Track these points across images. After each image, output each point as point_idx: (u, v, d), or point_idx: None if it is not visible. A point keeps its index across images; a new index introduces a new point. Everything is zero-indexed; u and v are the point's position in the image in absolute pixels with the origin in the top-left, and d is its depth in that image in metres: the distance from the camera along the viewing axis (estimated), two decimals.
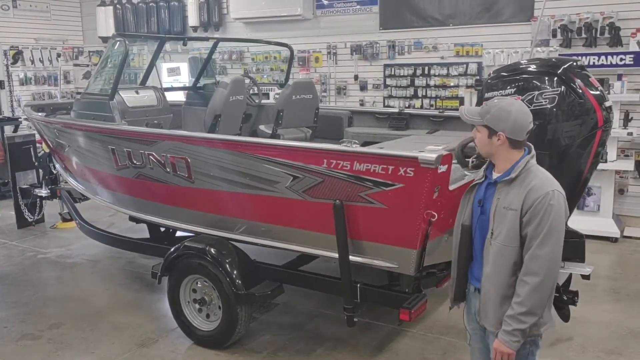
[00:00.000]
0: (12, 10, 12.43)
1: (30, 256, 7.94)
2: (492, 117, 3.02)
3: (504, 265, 3.01)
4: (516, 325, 2.94)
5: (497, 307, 3.07)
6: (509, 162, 3.04)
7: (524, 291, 2.91)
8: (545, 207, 2.88)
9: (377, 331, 5.52)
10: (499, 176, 3.07)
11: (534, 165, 3.04)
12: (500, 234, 3.00)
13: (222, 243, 5.21)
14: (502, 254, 3.01)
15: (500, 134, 3.00)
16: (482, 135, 3.08)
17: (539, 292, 2.91)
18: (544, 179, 2.99)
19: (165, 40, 7.55)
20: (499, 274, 3.04)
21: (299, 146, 4.75)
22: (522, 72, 4.08)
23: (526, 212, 2.92)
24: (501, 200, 3.02)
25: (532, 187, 2.93)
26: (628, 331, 5.46)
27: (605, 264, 7.19)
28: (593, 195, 8.02)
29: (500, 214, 3.01)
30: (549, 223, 2.88)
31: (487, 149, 3.10)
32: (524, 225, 2.94)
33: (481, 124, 3.07)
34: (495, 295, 3.07)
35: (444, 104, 9.54)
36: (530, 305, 2.91)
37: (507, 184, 3.02)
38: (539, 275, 2.89)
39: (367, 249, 4.39)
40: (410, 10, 9.83)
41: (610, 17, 8.15)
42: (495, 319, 3.09)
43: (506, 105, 3.04)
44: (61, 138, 7.00)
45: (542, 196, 2.89)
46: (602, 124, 3.97)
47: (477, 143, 3.15)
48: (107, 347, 5.35)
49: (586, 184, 4.23)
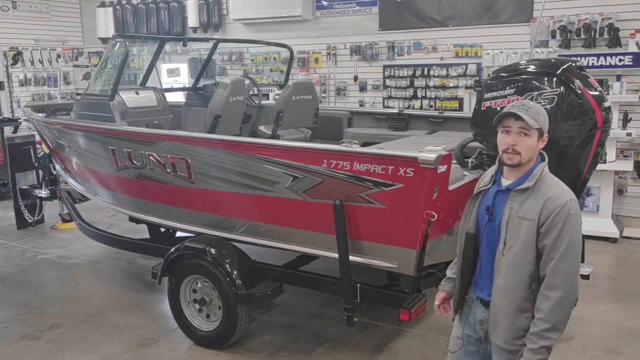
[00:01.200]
0: (11, 11, 12.43)
1: (30, 257, 7.94)
2: (544, 120, 2.89)
3: (519, 277, 2.88)
4: (542, 343, 2.80)
5: (510, 320, 2.94)
6: (525, 168, 2.91)
7: (547, 307, 2.79)
8: (564, 217, 2.77)
9: (376, 331, 5.52)
10: (512, 183, 2.93)
11: (548, 173, 2.92)
12: (515, 244, 2.87)
13: (222, 243, 5.22)
14: (517, 266, 2.88)
15: (546, 135, 2.91)
16: (533, 139, 2.87)
17: (562, 306, 2.79)
18: (561, 188, 2.88)
19: (165, 41, 7.56)
20: (512, 287, 2.91)
21: (299, 146, 4.75)
22: (521, 73, 4.09)
23: (544, 222, 2.80)
24: (515, 209, 2.88)
25: (549, 197, 2.81)
26: (627, 331, 5.47)
27: (605, 264, 7.19)
28: (592, 196, 8.03)
29: (515, 223, 2.88)
30: (569, 234, 2.77)
31: (532, 153, 2.90)
32: (542, 237, 2.82)
33: (537, 127, 2.86)
34: (508, 308, 2.93)
35: (443, 105, 9.56)
36: (554, 321, 2.79)
37: (521, 193, 2.89)
38: (561, 290, 2.77)
39: (366, 249, 4.40)
40: (409, 11, 9.84)
41: (609, 18, 8.17)
42: (507, 333, 2.96)
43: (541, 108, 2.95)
44: (61, 139, 7.01)
45: (561, 206, 2.78)
46: (601, 124, 3.98)
47: (525, 149, 2.86)
48: (107, 347, 5.36)
49: (585, 184, 4.24)
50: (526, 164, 2.89)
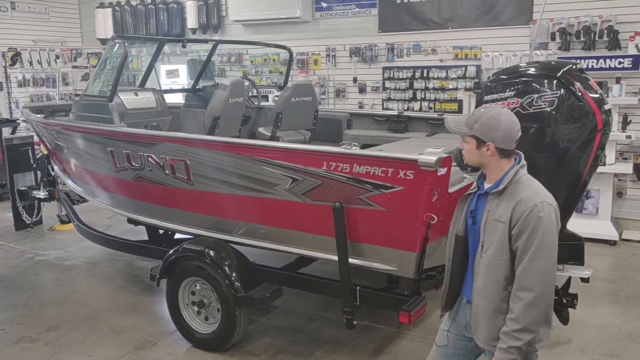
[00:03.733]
0: (10, 11, 12.41)
1: (28, 258, 7.92)
2: (480, 126, 2.93)
3: (495, 278, 2.93)
4: (512, 343, 2.84)
5: (489, 321, 2.99)
6: (500, 172, 2.97)
7: (518, 307, 2.82)
8: (534, 219, 2.79)
9: (376, 334, 5.51)
10: (489, 187, 3.00)
11: (524, 176, 2.96)
12: (491, 247, 2.93)
13: (221, 245, 5.20)
14: (493, 268, 2.93)
15: (490, 144, 2.92)
16: (471, 146, 2.99)
17: (534, 308, 2.81)
18: (534, 190, 2.90)
19: (164, 42, 7.56)
20: (489, 288, 2.96)
21: (299, 148, 4.74)
22: (521, 75, 4.07)
23: (515, 225, 2.84)
24: (491, 212, 2.95)
25: (520, 199, 2.85)
26: (627, 334, 5.47)
27: (604, 267, 7.19)
28: (592, 198, 8.03)
29: (490, 226, 2.94)
30: (539, 236, 2.78)
31: (477, 159, 3.01)
32: (514, 239, 2.85)
33: (469, 134, 2.97)
34: (486, 309, 2.99)
35: (442, 107, 9.55)
36: (525, 322, 2.81)
37: (497, 196, 2.95)
38: (533, 291, 2.80)
39: (366, 252, 4.39)
40: (409, 13, 9.84)
41: (609, 20, 8.17)
42: (486, 334, 3.02)
43: (496, 114, 2.95)
44: (59, 140, 7.00)
45: (531, 208, 2.80)
46: (601, 127, 3.96)
47: (465, 154, 3.06)
48: (105, 350, 5.34)
49: (585, 187, 4.23)
50: (488, 168, 3.00)
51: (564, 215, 4.17)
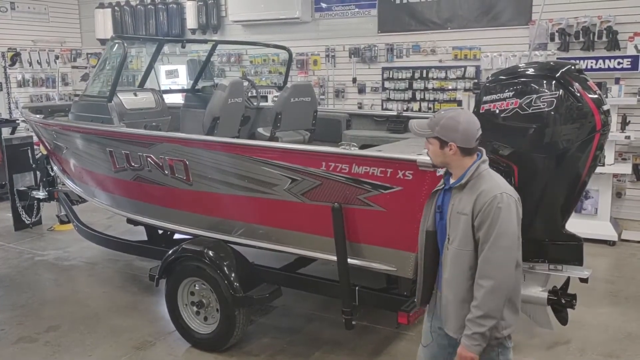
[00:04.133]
0: (10, 12, 12.41)
1: (28, 258, 7.92)
2: (441, 128, 3.07)
3: (461, 269, 3.06)
4: (475, 329, 2.97)
5: (457, 311, 3.11)
6: (462, 169, 3.11)
7: (480, 294, 2.96)
8: (493, 210, 2.93)
9: (375, 334, 5.51)
10: (453, 182, 3.15)
11: (486, 170, 3.10)
12: (456, 238, 3.07)
13: (220, 246, 5.20)
14: (458, 258, 3.06)
15: (452, 144, 3.06)
16: (434, 147, 3.14)
17: (495, 295, 2.94)
18: (494, 182, 3.05)
19: (163, 43, 7.55)
20: (456, 278, 3.09)
21: (298, 149, 4.74)
22: (520, 76, 4.06)
23: (476, 216, 2.99)
24: (455, 205, 3.09)
25: (481, 192, 2.99)
26: (626, 334, 5.47)
27: (603, 268, 7.20)
28: (591, 199, 8.03)
29: (455, 219, 3.08)
30: (498, 226, 2.92)
31: (441, 159, 3.16)
32: (476, 230, 3.00)
33: (432, 136, 3.12)
34: (454, 299, 3.12)
35: (442, 107, 9.53)
36: (487, 308, 2.94)
37: (460, 190, 3.09)
38: (493, 279, 2.93)
39: (365, 252, 4.39)
40: (408, 14, 9.84)
41: (608, 21, 8.17)
42: (456, 323, 3.14)
43: (455, 116, 3.09)
44: (59, 140, 6.99)
45: (491, 199, 2.95)
46: (600, 127, 3.96)
47: (430, 155, 3.22)
48: (105, 350, 5.34)
49: (584, 187, 4.22)
50: (452, 166, 3.14)
51: (563, 215, 4.20)
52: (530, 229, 4.14)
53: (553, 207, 4.14)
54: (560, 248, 4.20)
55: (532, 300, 4.28)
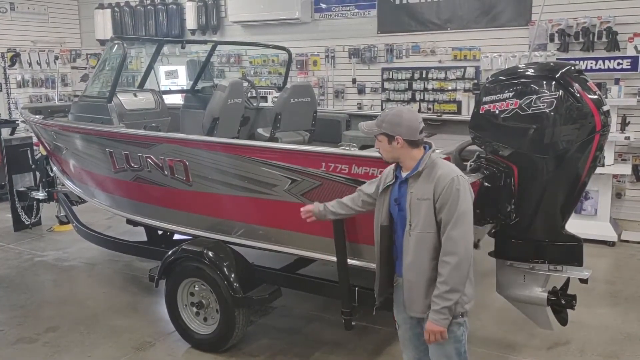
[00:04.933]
0: (9, 12, 12.39)
1: (27, 259, 7.91)
2: (387, 124, 3.37)
3: (425, 251, 3.30)
4: (443, 304, 3.23)
5: (423, 292, 3.35)
6: (414, 160, 3.38)
7: (446, 270, 3.21)
8: (452, 191, 3.21)
9: (374, 335, 5.51)
10: (408, 173, 3.39)
11: (438, 158, 3.39)
12: (419, 223, 3.30)
13: (220, 246, 5.20)
14: (422, 241, 3.30)
15: (398, 137, 3.34)
16: (384, 143, 3.42)
17: (459, 269, 3.20)
18: (448, 167, 3.35)
19: (163, 43, 7.57)
20: (421, 260, 3.32)
21: (298, 149, 4.74)
22: (520, 76, 4.07)
23: (437, 198, 3.24)
24: (414, 193, 3.33)
25: (439, 176, 3.27)
26: (625, 335, 5.47)
27: (603, 268, 7.19)
28: (590, 199, 8.03)
29: (416, 205, 3.31)
30: (458, 205, 3.20)
31: (391, 154, 3.43)
32: (438, 211, 3.26)
33: (379, 132, 3.40)
34: (419, 281, 3.35)
35: (441, 108, 9.54)
36: (452, 283, 3.21)
37: (416, 178, 3.35)
38: (457, 254, 3.20)
39: (365, 252, 4.38)
40: (408, 14, 9.83)
41: (608, 21, 8.16)
42: (422, 304, 3.37)
43: (397, 112, 3.41)
44: (58, 141, 6.99)
45: (449, 183, 3.23)
46: (600, 128, 3.96)
47: (382, 151, 3.48)
48: (104, 351, 5.34)
49: (584, 188, 4.23)
50: (403, 159, 3.40)
51: (562, 216, 4.19)
52: (530, 229, 4.16)
53: (553, 208, 4.14)
54: (560, 249, 4.20)
55: (532, 300, 4.29)
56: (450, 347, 3.39)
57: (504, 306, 4.85)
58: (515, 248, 4.25)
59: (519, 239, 4.21)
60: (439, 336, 3.30)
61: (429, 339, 3.34)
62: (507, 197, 4.09)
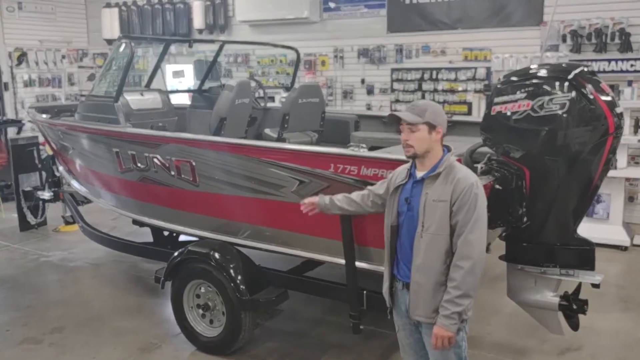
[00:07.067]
0: (17, 12, 12.41)
1: (33, 259, 7.90)
2: (431, 113, 3.31)
3: (436, 253, 3.25)
4: (454, 309, 3.18)
5: (430, 294, 3.29)
6: (435, 159, 3.34)
7: (459, 275, 3.17)
8: (471, 196, 3.19)
9: (383, 339, 5.44)
10: (426, 173, 3.34)
11: (455, 161, 3.36)
12: (432, 225, 3.25)
13: (227, 248, 5.16)
14: (434, 243, 3.25)
15: (439, 127, 3.32)
16: (422, 133, 3.30)
17: (472, 274, 3.17)
18: (467, 171, 3.33)
19: (170, 43, 7.54)
20: (431, 263, 3.27)
21: (306, 150, 4.71)
22: (532, 77, 4.01)
23: (455, 201, 3.20)
24: (430, 194, 3.28)
25: (458, 179, 3.23)
26: (637, 340, 5.40)
27: (615, 273, 7.11)
28: (602, 203, 7.95)
29: (431, 206, 3.26)
30: (476, 210, 3.19)
31: (427, 145, 3.32)
32: (454, 214, 3.21)
33: (422, 122, 3.29)
34: (427, 283, 3.29)
35: (452, 109, 9.46)
36: (465, 288, 3.17)
37: (434, 180, 3.30)
38: (471, 259, 3.16)
39: (373, 255, 4.34)
40: (418, 14, 9.77)
41: (621, 22, 8.09)
42: (427, 308, 3.31)
43: (434, 104, 3.47)
44: (65, 140, 6.98)
45: (468, 187, 3.20)
46: (613, 130, 3.90)
47: (416, 142, 3.32)
48: (109, 352, 5.31)
49: (596, 191, 4.17)
50: (430, 154, 3.33)
51: (574, 220, 4.13)
52: (541, 232, 4.10)
53: (565, 211, 4.08)
54: (571, 253, 4.14)
55: (544, 305, 4.23)
56: (451, 352, 3.35)
57: (515, 311, 4.79)
58: (527, 252, 4.18)
59: (530, 243, 4.14)
60: (447, 342, 3.23)
61: (436, 344, 3.26)
62: (519, 200, 4.03)
